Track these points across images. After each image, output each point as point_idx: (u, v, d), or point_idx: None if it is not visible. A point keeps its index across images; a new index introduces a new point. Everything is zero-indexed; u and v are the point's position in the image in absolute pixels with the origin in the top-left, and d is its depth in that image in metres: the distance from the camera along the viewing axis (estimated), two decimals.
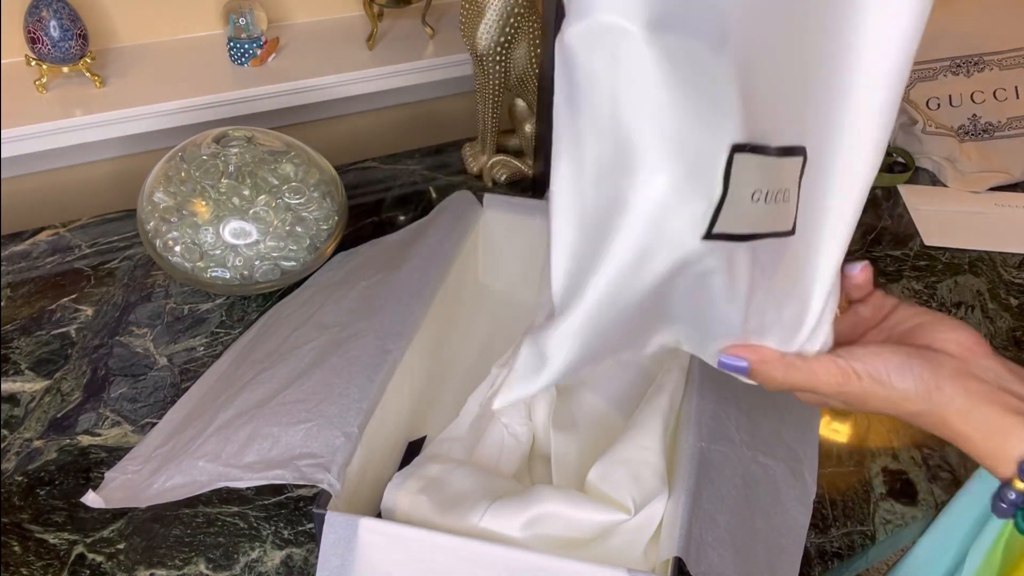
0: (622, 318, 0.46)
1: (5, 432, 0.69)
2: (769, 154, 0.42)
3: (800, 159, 0.44)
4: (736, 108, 0.40)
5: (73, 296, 0.83)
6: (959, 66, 1.07)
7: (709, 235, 0.41)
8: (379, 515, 0.58)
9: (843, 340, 0.49)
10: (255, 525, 0.63)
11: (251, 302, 0.83)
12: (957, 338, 0.45)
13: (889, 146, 1.11)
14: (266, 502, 0.64)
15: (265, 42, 1.06)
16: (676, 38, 0.38)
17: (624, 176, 0.41)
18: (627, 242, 0.42)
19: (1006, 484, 0.42)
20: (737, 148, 0.41)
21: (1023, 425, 0.41)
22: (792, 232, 0.45)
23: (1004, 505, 0.42)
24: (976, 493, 0.57)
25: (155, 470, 0.61)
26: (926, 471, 0.69)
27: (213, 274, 0.77)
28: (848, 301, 0.52)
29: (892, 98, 0.43)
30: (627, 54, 0.38)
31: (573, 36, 0.39)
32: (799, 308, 0.46)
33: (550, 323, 0.47)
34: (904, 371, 0.44)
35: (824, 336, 0.47)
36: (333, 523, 0.50)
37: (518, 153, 1.03)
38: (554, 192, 0.44)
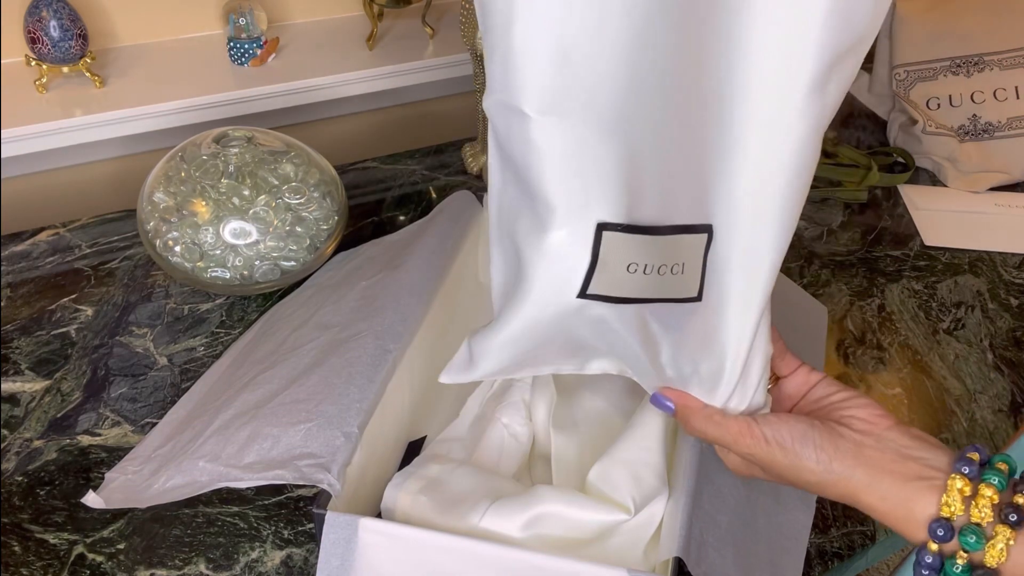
0: (546, 340, 0.51)
1: (5, 432, 0.69)
2: (654, 232, 0.47)
3: (704, 236, 0.47)
4: (610, 191, 0.45)
5: (73, 296, 0.83)
6: (959, 66, 1.07)
7: (583, 294, 0.48)
8: (379, 515, 0.58)
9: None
10: (255, 525, 0.63)
11: (251, 302, 0.83)
12: (861, 413, 0.47)
13: (889, 146, 1.12)
14: (266, 502, 0.64)
15: (265, 42, 1.06)
16: (564, 123, 0.43)
17: (523, 225, 0.48)
18: (528, 282, 0.48)
19: (922, 548, 0.42)
20: (604, 226, 0.46)
21: (926, 489, 0.42)
22: (698, 298, 0.49)
23: (925, 572, 0.42)
24: None
25: (155, 470, 0.61)
26: None
27: (213, 274, 0.77)
28: (776, 376, 0.54)
29: (789, 188, 0.44)
30: (521, 129, 0.44)
31: (488, 105, 0.46)
32: (715, 366, 0.49)
33: (486, 329, 0.52)
34: (806, 440, 0.46)
35: (755, 399, 0.51)
36: (333, 523, 0.50)
37: None
38: (490, 216, 0.52)
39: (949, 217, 1.00)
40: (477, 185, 1.02)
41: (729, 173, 0.44)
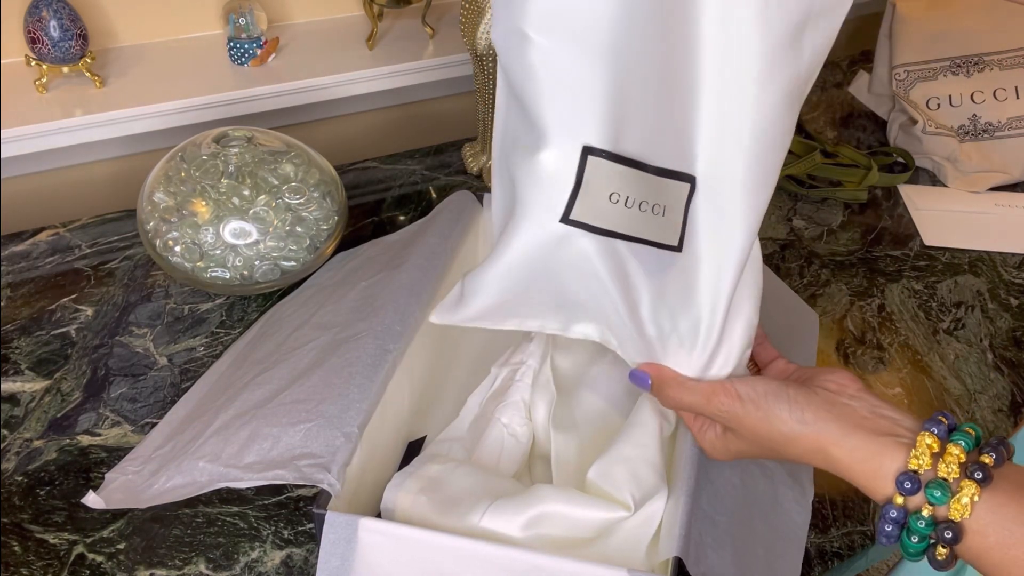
0: (533, 279, 0.53)
1: (5, 432, 0.69)
2: (638, 167, 0.49)
3: (686, 185, 0.48)
4: (598, 117, 0.48)
5: (73, 296, 0.83)
6: (959, 66, 1.07)
7: (566, 219, 0.50)
8: (379, 515, 0.58)
9: None
10: (255, 525, 0.63)
11: (251, 302, 0.83)
12: (832, 377, 0.49)
13: (889, 146, 1.12)
14: (266, 502, 0.64)
15: (265, 42, 1.06)
16: (560, 46, 0.47)
17: (519, 150, 0.51)
18: (520, 206, 0.51)
19: (887, 504, 0.43)
20: (589, 150, 0.49)
21: (895, 444, 0.43)
22: (679, 248, 0.50)
23: (888, 527, 0.43)
24: None
25: (155, 471, 0.61)
26: None
27: (213, 274, 0.77)
28: (754, 364, 0.56)
29: (761, 147, 0.46)
30: (521, 51, 0.48)
31: (495, 35, 0.49)
32: (692, 322, 0.50)
33: (480, 265, 0.54)
34: (779, 395, 0.48)
35: (738, 366, 0.52)
36: (333, 523, 0.50)
37: None
38: (492, 151, 0.55)
39: (949, 217, 1.00)
40: (477, 185, 1.02)
41: (710, 125, 0.46)
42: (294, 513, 0.64)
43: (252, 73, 1.05)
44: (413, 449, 0.65)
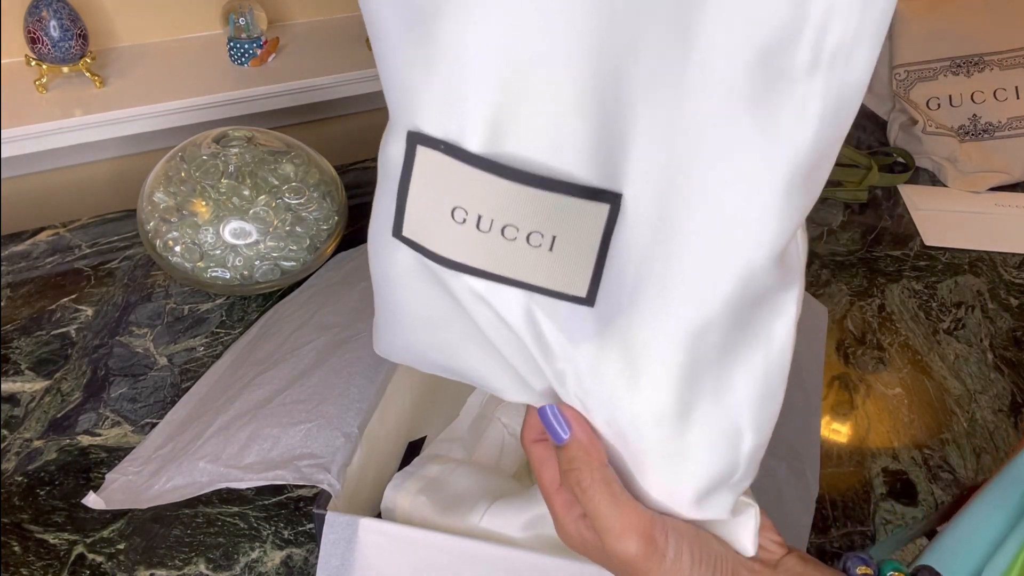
0: (410, 316, 0.39)
1: (5, 432, 0.69)
2: (502, 174, 0.31)
3: (604, 207, 0.31)
4: (474, 92, 0.30)
5: (73, 296, 0.83)
6: (959, 66, 1.07)
7: (398, 234, 0.35)
8: (379, 515, 0.58)
9: None
10: (255, 525, 0.63)
11: (251, 302, 0.83)
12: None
13: (889, 146, 1.12)
14: (266, 502, 0.64)
15: (265, 42, 1.06)
16: None
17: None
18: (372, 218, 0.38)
19: None
20: (417, 138, 0.32)
21: None
22: (589, 303, 0.33)
23: None
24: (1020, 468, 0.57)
25: (155, 471, 0.61)
26: (926, 471, 0.69)
27: (213, 274, 0.77)
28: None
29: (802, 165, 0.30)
30: None
31: None
32: (646, 408, 0.34)
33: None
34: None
35: (687, 511, 0.36)
36: (333, 523, 0.50)
37: None
38: None
39: (949, 217, 1.00)
40: None
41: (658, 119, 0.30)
42: (294, 513, 0.64)
43: (252, 73, 1.05)
44: (413, 449, 0.65)
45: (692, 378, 0.33)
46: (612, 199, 0.31)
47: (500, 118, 0.30)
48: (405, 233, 0.34)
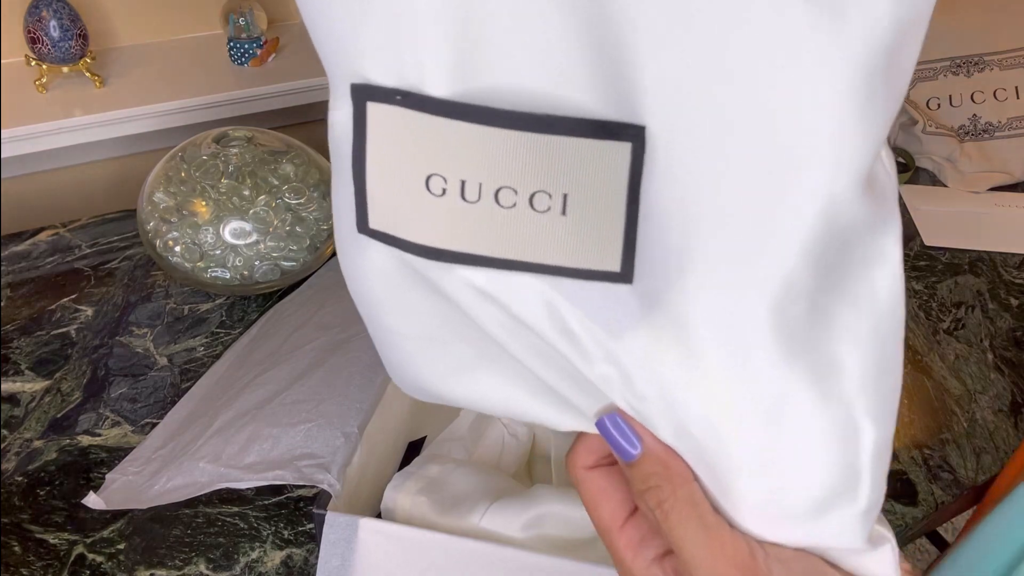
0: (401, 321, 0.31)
1: (5, 432, 0.69)
2: (486, 118, 0.23)
3: (626, 147, 0.23)
4: (364, 18, 0.23)
5: (73, 296, 0.83)
6: (959, 66, 1.07)
7: (364, 227, 0.26)
8: (379, 515, 0.58)
9: None
10: (255, 525, 0.63)
11: (251, 302, 0.83)
12: None
13: (889, 146, 1.12)
14: (266, 502, 0.64)
15: (265, 42, 1.06)
16: None
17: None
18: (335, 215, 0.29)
19: None
20: (363, 92, 0.24)
21: None
22: (625, 279, 0.25)
23: None
24: None
25: (156, 471, 0.61)
26: (926, 471, 0.69)
27: (213, 274, 0.77)
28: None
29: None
30: None
31: None
32: (722, 407, 0.26)
33: None
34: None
35: (775, 534, 0.27)
36: (333, 523, 0.50)
37: None
38: None
39: (949, 217, 1.00)
40: None
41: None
42: (294, 513, 0.64)
43: (252, 73, 1.05)
44: (413, 449, 0.65)
45: (779, 361, 0.25)
46: (633, 134, 0.23)
47: (467, 44, 0.22)
48: (372, 225, 0.26)
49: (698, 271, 0.24)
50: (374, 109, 0.24)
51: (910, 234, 0.97)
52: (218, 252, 0.76)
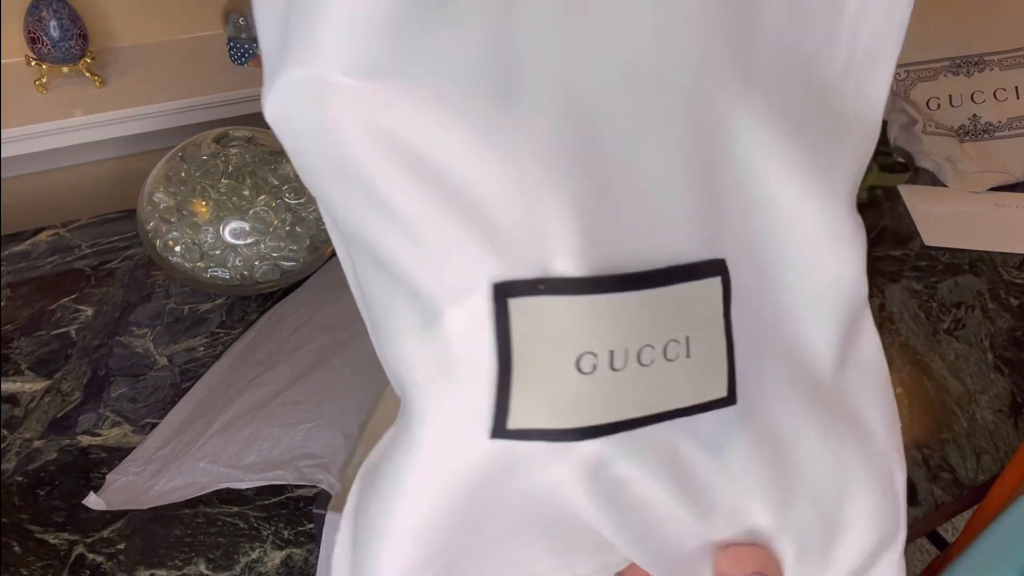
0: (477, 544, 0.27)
1: (5, 432, 0.69)
2: (622, 286, 0.23)
3: (716, 281, 0.25)
4: (550, 218, 0.22)
5: (73, 296, 0.83)
6: (959, 66, 1.07)
7: (501, 432, 0.24)
8: None
9: None
10: (255, 525, 0.63)
11: (251, 302, 0.83)
12: None
13: (889, 146, 1.12)
14: (266, 502, 0.64)
15: None
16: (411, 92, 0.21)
17: (394, 323, 0.29)
18: (419, 428, 0.27)
19: None
20: (504, 290, 0.23)
21: None
22: (731, 400, 0.26)
23: None
24: None
25: (156, 472, 0.61)
26: (926, 471, 0.69)
27: (213, 274, 0.77)
28: None
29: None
30: (324, 107, 0.21)
31: (278, 95, 0.21)
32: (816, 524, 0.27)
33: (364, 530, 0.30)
34: None
35: None
36: (333, 523, 0.50)
37: None
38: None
39: (949, 217, 1.00)
40: None
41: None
42: (294, 513, 0.64)
43: (252, 73, 1.05)
44: None
45: (838, 435, 0.27)
46: (719, 268, 0.25)
47: (589, 214, 0.23)
48: (512, 425, 0.24)
49: (771, 377, 0.27)
50: (517, 305, 0.23)
51: (910, 234, 0.97)
52: (218, 252, 0.76)
